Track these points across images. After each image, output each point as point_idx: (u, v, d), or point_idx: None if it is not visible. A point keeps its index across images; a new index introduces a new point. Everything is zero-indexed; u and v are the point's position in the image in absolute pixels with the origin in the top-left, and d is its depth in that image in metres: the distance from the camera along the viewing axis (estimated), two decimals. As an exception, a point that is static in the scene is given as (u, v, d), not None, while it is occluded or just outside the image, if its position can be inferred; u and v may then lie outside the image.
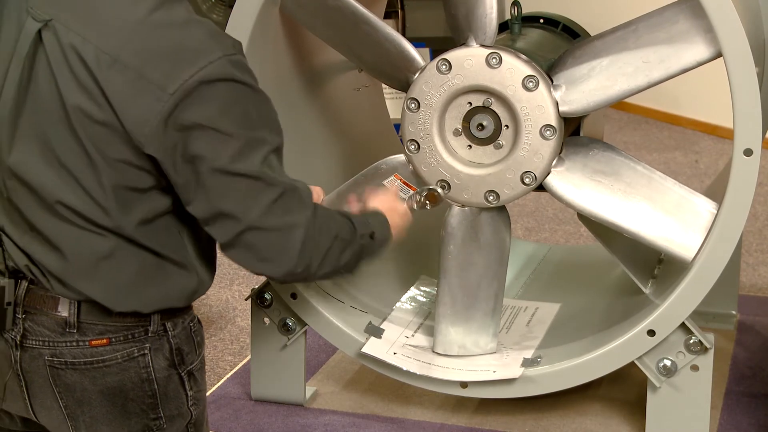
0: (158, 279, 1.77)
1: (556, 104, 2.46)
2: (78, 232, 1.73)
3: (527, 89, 2.44)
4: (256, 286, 2.80)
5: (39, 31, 1.70)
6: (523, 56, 2.46)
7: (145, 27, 1.68)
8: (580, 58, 2.48)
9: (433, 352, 2.71)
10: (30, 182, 1.73)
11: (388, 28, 2.55)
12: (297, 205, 1.77)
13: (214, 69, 1.66)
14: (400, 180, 2.61)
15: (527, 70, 2.44)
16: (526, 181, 2.51)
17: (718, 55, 2.34)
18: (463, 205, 2.59)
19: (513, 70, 2.45)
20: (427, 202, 2.48)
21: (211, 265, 1.86)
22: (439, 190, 2.47)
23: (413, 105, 2.53)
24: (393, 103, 4.28)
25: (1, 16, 1.76)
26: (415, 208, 2.48)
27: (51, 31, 1.70)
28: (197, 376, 1.86)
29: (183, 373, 1.83)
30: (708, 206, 2.46)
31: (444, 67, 2.48)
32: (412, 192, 2.52)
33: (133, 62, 1.66)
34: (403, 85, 2.56)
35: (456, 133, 2.55)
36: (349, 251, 1.89)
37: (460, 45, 2.48)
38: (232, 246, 1.75)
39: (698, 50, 2.38)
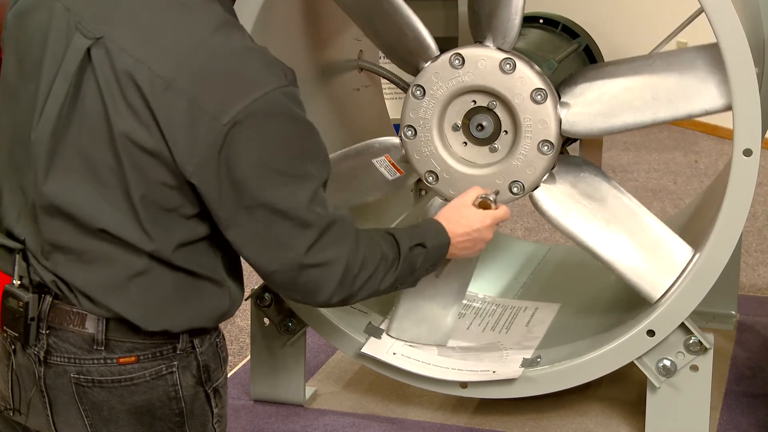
0: (190, 299, 1.75)
1: (560, 122, 2.46)
2: (112, 251, 1.70)
3: (534, 101, 2.44)
4: (256, 287, 2.79)
5: (88, 49, 1.65)
6: (537, 68, 2.45)
7: (201, 51, 1.65)
8: (592, 81, 2.48)
9: (387, 334, 2.71)
10: (68, 206, 1.69)
11: (409, 11, 2.51)
12: (339, 240, 1.78)
13: (268, 101, 1.64)
14: (390, 161, 2.61)
15: (538, 83, 2.44)
16: (514, 190, 2.51)
17: (728, 107, 2.35)
18: (446, 200, 2.58)
19: (524, 79, 2.44)
20: (481, 210, 2.39)
21: (241, 283, 1.85)
22: (493, 196, 2.38)
23: (419, 92, 2.52)
24: (393, 103, 4.29)
25: (48, 30, 1.71)
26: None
27: (102, 49, 1.65)
28: (222, 392, 1.84)
29: (209, 390, 1.81)
30: (685, 252, 2.48)
31: (457, 61, 2.47)
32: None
33: (188, 88, 1.63)
34: (413, 69, 2.54)
35: (455, 128, 2.54)
36: (392, 272, 1.95)
37: (476, 42, 2.47)
38: (269, 277, 1.78)
39: (709, 99, 2.38)
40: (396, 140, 2.61)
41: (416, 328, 2.70)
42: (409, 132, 2.55)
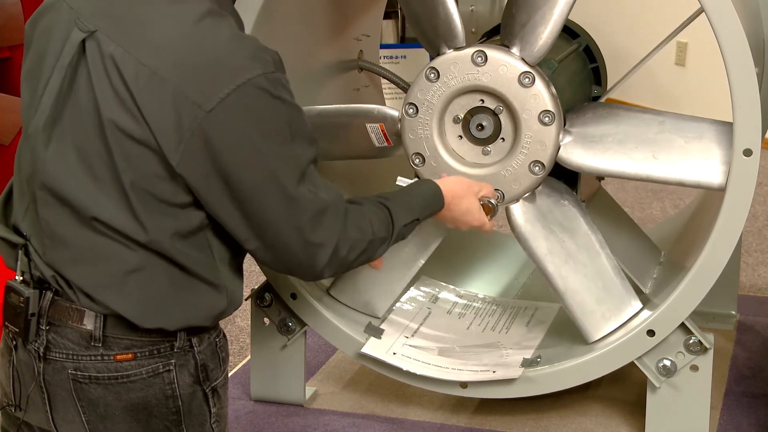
0: (187, 297, 1.75)
1: (558, 148, 2.46)
2: (108, 246, 1.71)
3: (541, 122, 2.44)
4: (256, 286, 2.79)
5: (83, 41, 1.69)
6: (554, 90, 2.45)
7: (187, 39, 1.67)
8: (600, 119, 2.49)
9: (327, 293, 2.73)
10: (63, 194, 1.71)
11: None
12: (329, 221, 1.80)
13: (252, 87, 1.65)
14: (383, 130, 2.61)
15: (550, 105, 2.43)
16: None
17: (722, 188, 2.36)
18: None
19: (538, 98, 2.43)
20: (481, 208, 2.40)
21: (241, 284, 1.85)
22: (493, 201, 2.41)
23: (433, 75, 2.51)
24: (393, 103, 4.29)
25: (52, 29, 1.74)
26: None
27: (95, 42, 1.68)
28: (221, 392, 1.84)
29: (207, 390, 1.80)
30: (634, 305, 2.55)
31: (479, 59, 2.46)
32: None
33: (172, 76, 1.64)
34: (433, 50, 2.53)
35: (455, 120, 2.54)
36: (383, 247, 1.98)
37: (503, 46, 2.46)
38: (262, 257, 1.79)
39: (706, 173, 2.40)
40: (395, 113, 2.60)
41: (359, 295, 2.73)
42: (411, 110, 2.55)
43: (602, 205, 2.86)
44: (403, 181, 2.39)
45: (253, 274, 3.78)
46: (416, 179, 2.44)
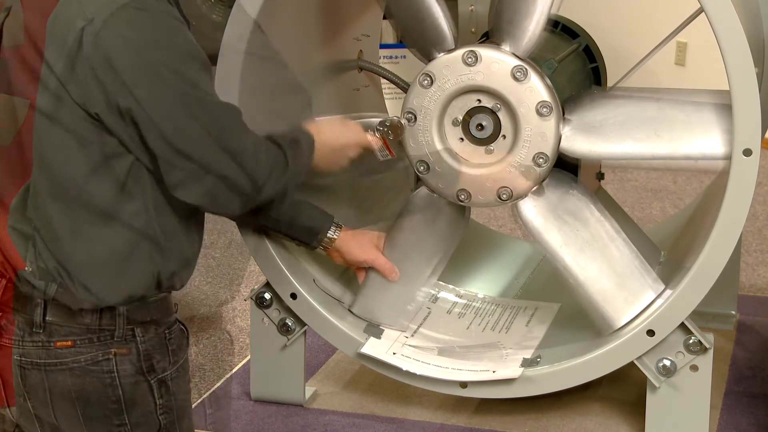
0: (130, 257, 1.74)
1: (559, 139, 2.46)
2: (52, 209, 1.73)
3: (539, 114, 2.44)
4: (256, 287, 2.80)
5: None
6: (548, 81, 2.45)
7: None
8: (598, 103, 2.49)
9: (348, 309, 2.73)
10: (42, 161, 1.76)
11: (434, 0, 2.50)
12: (238, 127, 1.80)
13: (133, 6, 1.69)
14: (385, 142, 2.60)
15: (546, 96, 2.43)
16: (503, 196, 2.51)
17: (728, 157, 2.35)
18: (432, 192, 2.58)
19: (533, 90, 2.43)
20: (390, 132, 2.46)
21: (193, 242, 1.84)
22: (404, 120, 2.45)
23: (426, 81, 2.51)
24: (393, 103, 4.28)
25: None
26: (377, 136, 2.47)
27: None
28: (171, 384, 1.83)
29: (153, 381, 1.80)
30: (656, 286, 2.52)
31: (471, 59, 2.46)
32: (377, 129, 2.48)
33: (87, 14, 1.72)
34: (425, 56, 2.53)
35: (455, 123, 2.54)
36: (287, 172, 1.94)
37: (493, 43, 2.47)
38: (183, 183, 1.75)
39: (710, 144, 2.39)
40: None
41: (379, 312, 2.72)
42: (410, 118, 2.55)
43: (602, 205, 2.86)
44: None
45: (253, 274, 3.78)
46: None
